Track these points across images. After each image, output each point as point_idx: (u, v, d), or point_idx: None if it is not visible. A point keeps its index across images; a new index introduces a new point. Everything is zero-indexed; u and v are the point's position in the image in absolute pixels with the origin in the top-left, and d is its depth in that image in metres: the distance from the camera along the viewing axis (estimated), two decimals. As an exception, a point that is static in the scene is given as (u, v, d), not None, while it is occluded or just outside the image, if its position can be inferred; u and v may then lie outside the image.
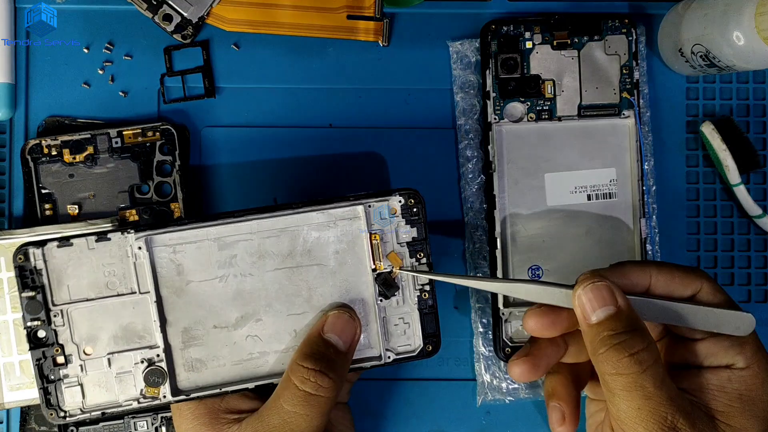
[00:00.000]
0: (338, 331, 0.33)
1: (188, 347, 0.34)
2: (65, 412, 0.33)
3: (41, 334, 0.33)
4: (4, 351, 0.37)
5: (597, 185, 0.40)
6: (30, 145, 0.39)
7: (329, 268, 0.34)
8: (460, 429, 0.41)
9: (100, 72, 0.41)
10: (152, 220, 0.39)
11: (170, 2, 0.40)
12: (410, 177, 0.41)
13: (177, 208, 0.39)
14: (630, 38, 0.40)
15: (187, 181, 0.40)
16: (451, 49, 0.41)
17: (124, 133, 0.39)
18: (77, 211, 0.39)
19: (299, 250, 0.34)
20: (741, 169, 0.40)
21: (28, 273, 0.33)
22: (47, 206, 0.39)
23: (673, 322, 0.31)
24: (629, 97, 0.40)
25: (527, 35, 0.40)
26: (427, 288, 0.34)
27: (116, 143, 0.39)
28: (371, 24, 0.40)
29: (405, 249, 0.34)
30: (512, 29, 0.40)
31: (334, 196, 0.34)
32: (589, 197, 0.40)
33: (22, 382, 0.38)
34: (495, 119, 0.40)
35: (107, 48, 0.41)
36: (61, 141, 0.39)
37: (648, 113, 0.41)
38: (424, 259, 0.34)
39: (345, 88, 0.41)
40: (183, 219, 0.36)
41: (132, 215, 0.39)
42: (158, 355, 0.33)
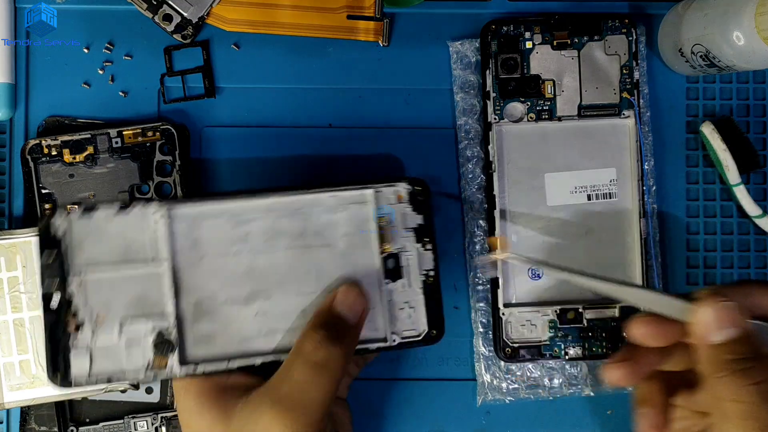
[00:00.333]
0: (349, 304, 0.33)
1: (198, 321, 0.34)
2: (71, 379, 0.33)
3: (56, 299, 0.33)
4: (4, 351, 0.37)
5: (597, 185, 0.40)
6: (30, 145, 0.39)
7: (338, 250, 0.35)
8: (460, 429, 0.41)
9: (100, 72, 0.41)
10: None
11: (170, 2, 0.40)
12: (410, 177, 0.41)
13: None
14: (630, 38, 0.40)
15: (187, 181, 0.40)
16: (451, 49, 0.41)
17: (124, 133, 0.39)
18: (77, 211, 0.39)
19: (311, 231, 0.35)
20: (741, 169, 0.40)
21: (50, 238, 0.33)
22: (47, 206, 0.39)
23: None
24: (629, 97, 0.40)
25: (527, 35, 0.40)
26: (432, 273, 0.35)
27: (116, 143, 0.39)
28: (371, 24, 0.40)
29: (411, 234, 0.35)
30: (512, 29, 0.40)
31: (346, 180, 0.35)
32: (589, 197, 0.40)
33: (22, 382, 0.38)
34: (495, 119, 0.40)
35: (107, 48, 0.41)
36: (61, 141, 0.39)
37: (648, 113, 0.41)
38: (430, 245, 0.35)
39: (345, 88, 0.41)
40: (205, 194, 0.36)
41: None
42: (169, 326, 0.33)
